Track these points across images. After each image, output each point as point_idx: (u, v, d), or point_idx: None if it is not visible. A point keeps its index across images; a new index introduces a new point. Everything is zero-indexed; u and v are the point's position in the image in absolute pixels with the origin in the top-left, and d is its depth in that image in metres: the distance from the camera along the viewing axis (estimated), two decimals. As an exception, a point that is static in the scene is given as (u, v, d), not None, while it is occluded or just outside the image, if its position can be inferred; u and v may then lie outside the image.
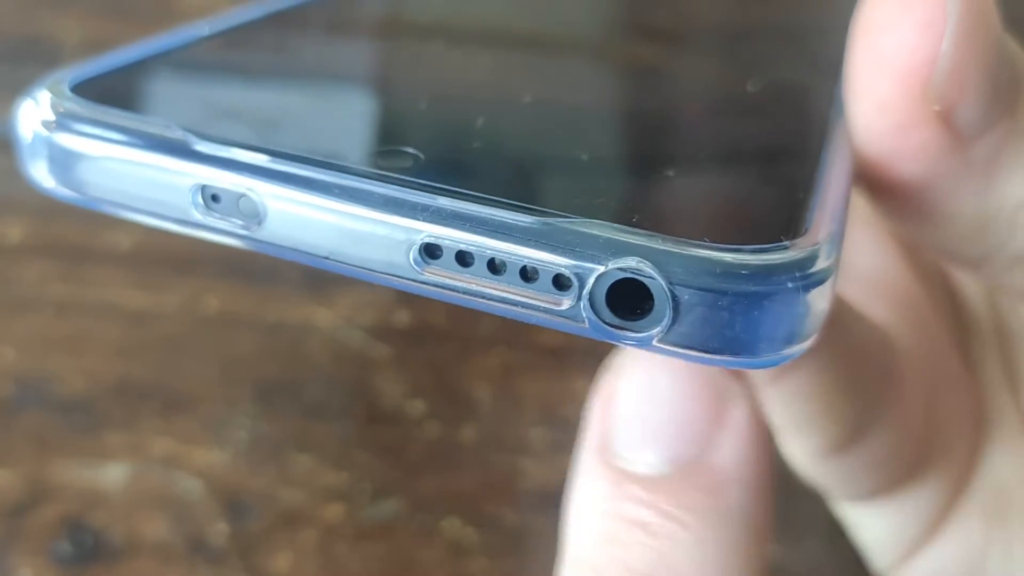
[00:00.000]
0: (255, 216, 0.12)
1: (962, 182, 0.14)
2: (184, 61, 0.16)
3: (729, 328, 0.11)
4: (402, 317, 0.27)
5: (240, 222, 0.12)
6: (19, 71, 0.26)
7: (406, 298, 0.27)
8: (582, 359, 0.26)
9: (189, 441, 0.26)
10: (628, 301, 0.11)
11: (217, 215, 0.13)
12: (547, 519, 0.26)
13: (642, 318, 0.11)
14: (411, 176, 0.12)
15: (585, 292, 0.11)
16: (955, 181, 0.14)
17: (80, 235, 0.27)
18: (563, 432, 0.26)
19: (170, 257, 0.27)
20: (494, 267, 0.12)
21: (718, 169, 0.14)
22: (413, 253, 0.12)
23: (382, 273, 0.12)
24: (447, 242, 0.12)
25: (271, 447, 0.26)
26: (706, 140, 0.15)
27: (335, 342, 0.27)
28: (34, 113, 0.13)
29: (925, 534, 0.20)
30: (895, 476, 0.19)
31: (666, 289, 0.11)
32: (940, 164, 0.14)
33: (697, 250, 0.11)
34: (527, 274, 0.11)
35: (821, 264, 0.11)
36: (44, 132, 0.13)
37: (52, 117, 0.13)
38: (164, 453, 0.26)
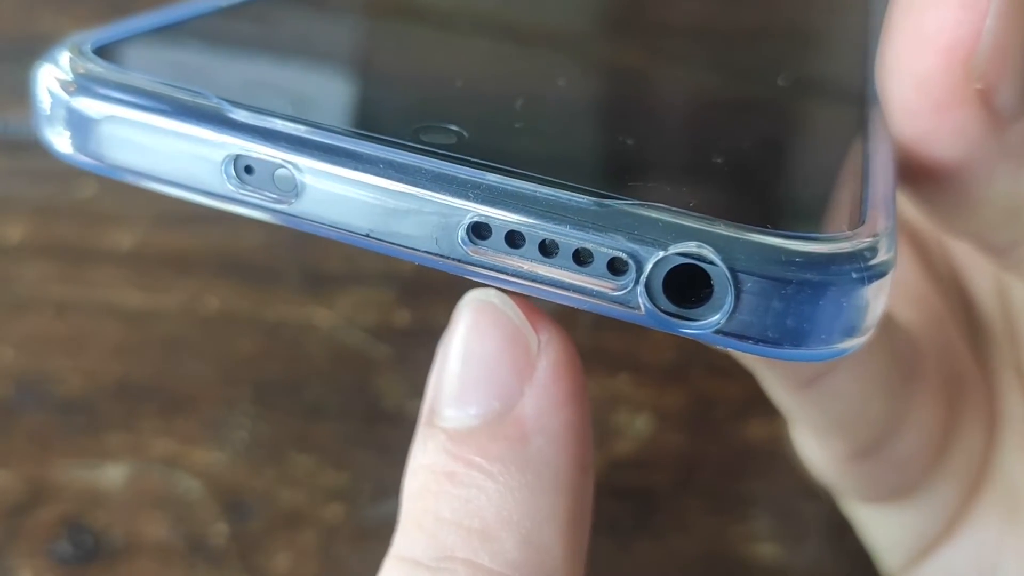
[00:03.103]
0: (291, 190, 0.12)
1: (997, 165, 0.14)
2: (213, 28, 0.15)
3: (791, 318, 0.11)
4: (402, 317, 0.27)
5: (274, 196, 0.12)
6: (19, 71, 0.26)
7: (406, 298, 0.27)
8: (582, 359, 0.26)
9: (189, 441, 0.26)
10: (682, 289, 0.11)
11: (250, 188, 0.12)
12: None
13: (698, 306, 0.11)
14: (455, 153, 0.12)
15: (642, 277, 0.11)
16: (990, 164, 0.14)
17: (80, 235, 0.27)
18: (563, 432, 0.26)
19: (170, 257, 0.27)
20: (546, 249, 0.11)
21: (768, 158, 0.14)
22: (461, 233, 0.11)
23: (425, 253, 0.11)
24: (497, 222, 0.11)
25: (271, 447, 0.26)
26: (756, 129, 0.15)
27: (335, 342, 0.27)
28: (53, 75, 0.13)
29: (940, 534, 0.20)
30: (915, 477, 0.19)
31: (728, 276, 0.10)
32: (977, 146, 0.13)
33: (761, 236, 0.11)
34: (580, 257, 0.11)
35: (883, 256, 0.11)
36: (64, 95, 0.13)
37: (73, 79, 0.13)
38: (164, 453, 0.26)
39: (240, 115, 0.12)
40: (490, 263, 0.11)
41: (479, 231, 0.11)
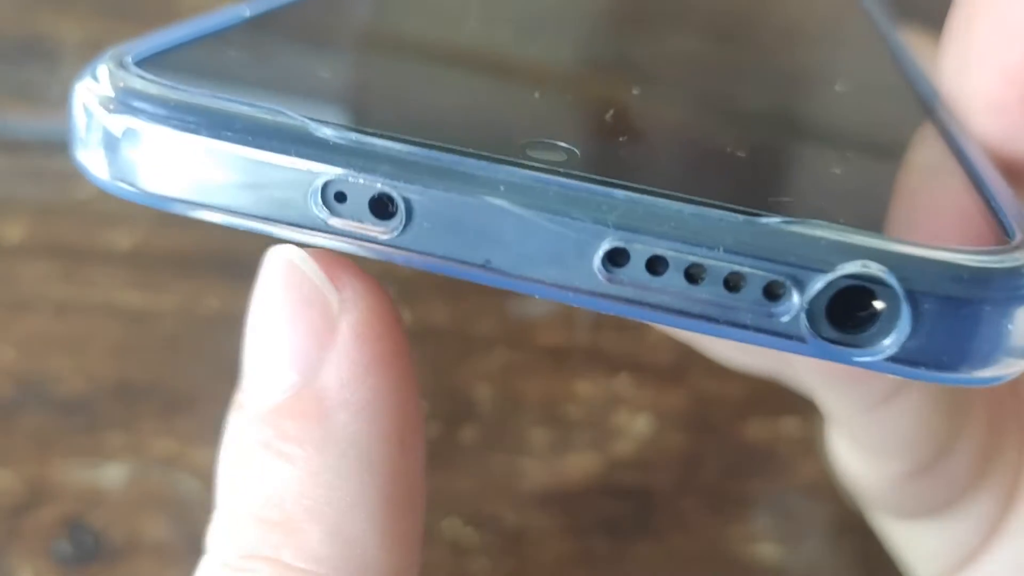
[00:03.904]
0: (394, 218, 0.10)
1: None
2: (276, 32, 0.13)
3: (970, 341, 0.10)
4: (402, 316, 0.27)
5: (373, 226, 0.10)
6: (19, 71, 0.26)
7: (406, 297, 0.27)
8: (582, 359, 0.26)
9: (189, 441, 0.26)
10: (841, 313, 0.10)
11: (342, 218, 0.10)
12: (547, 519, 0.26)
13: (861, 331, 0.10)
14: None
15: (804, 303, 0.10)
16: None
17: (80, 235, 0.27)
18: (563, 432, 0.26)
19: (170, 257, 0.27)
20: (691, 275, 0.10)
21: (896, 169, 0.13)
22: (595, 261, 0.10)
23: (552, 285, 0.10)
24: (637, 246, 0.10)
25: (271, 447, 0.26)
26: (855, 138, 0.14)
27: (335, 342, 0.27)
28: (91, 90, 0.11)
29: (979, 545, 0.19)
30: (962, 491, 0.19)
31: (905, 297, 0.09)
32: None
33: (933, 252, 0.10)
34: (731, 283, 0.10)
35: None
36: (103, 114, 0.11)
37: (114, 95, 0.11)
38: (164, 453, 0.26)
39: (329, 134, 0.10)
40: (627, 294, 0.10)
41: (615, 258, 0.10)
